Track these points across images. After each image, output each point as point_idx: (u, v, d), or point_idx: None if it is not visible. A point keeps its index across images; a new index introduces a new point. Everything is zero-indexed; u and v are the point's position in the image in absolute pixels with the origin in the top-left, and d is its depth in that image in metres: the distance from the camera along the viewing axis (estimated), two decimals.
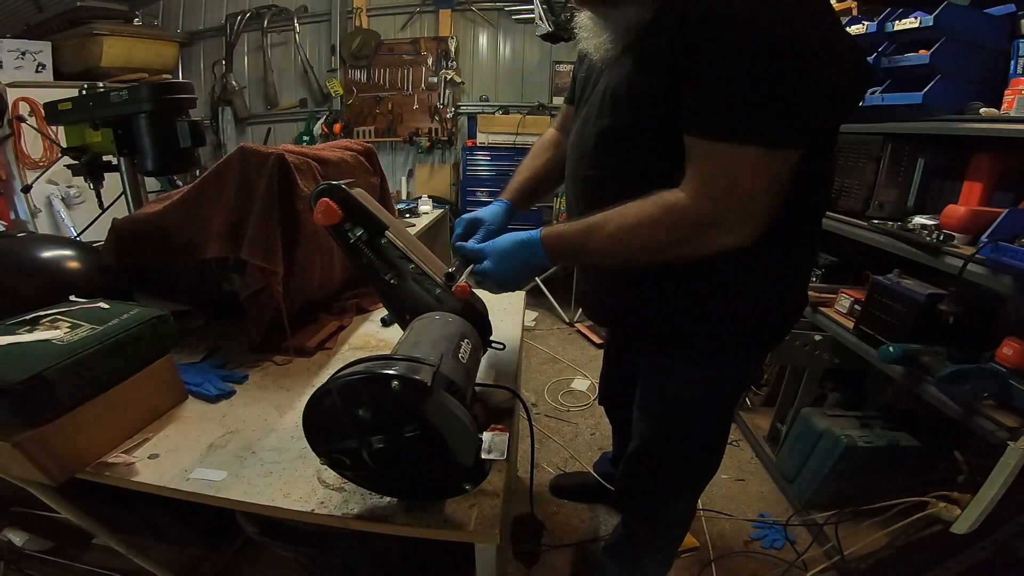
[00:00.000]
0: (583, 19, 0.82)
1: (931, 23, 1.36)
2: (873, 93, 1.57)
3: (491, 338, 0.90)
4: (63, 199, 2.83)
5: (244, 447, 0.80)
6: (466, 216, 0.98)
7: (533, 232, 0.82)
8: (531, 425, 0.90)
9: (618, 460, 1.34)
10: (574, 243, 0.79)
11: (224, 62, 3.72)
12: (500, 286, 0.84)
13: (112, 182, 1.44)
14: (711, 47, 0.63)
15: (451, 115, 3.78)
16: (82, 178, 1.43)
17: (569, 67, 3.62)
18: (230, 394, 0.94)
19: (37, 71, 2.90)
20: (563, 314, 3.30)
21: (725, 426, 1.03)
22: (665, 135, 0.71)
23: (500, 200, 1.05)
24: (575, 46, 0.85)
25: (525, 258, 0.82)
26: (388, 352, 0.64)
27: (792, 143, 0.65)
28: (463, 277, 0.83)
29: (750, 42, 0.60)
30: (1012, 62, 1.31)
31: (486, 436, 0.59)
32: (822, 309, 1.71)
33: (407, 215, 2.91)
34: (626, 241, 0.74)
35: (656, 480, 1.07)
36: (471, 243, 0.89)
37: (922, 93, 1.38)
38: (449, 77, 3.67)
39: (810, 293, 1.53)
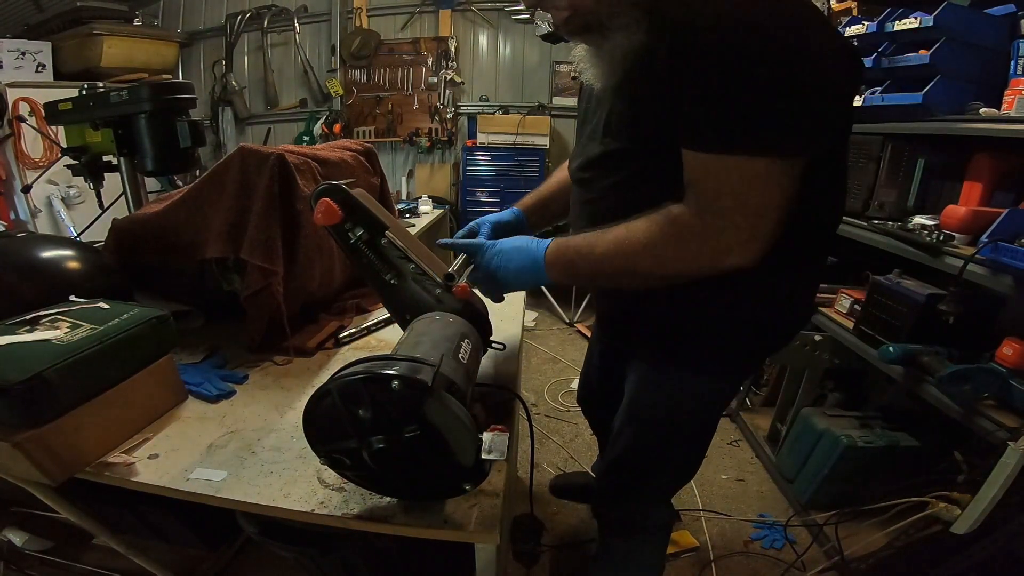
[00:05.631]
0: (580, 51, 0.80)
1: (931, 23, 1.36)
2: (873, 93, 1.57)
3: (491, 338, 0.90)
4: (63, 199, 2.83)
5: (244, 447, 0.80)
6: (476, 220, 0.99)
7: (543, 240, 0.81)
8: (531, 425, 0.90)
9: None
10: (575, 255, 0.77)
11: (224, 62, 3.72)
12: (496, 285, 0.83)
13: (112, 182, 1.44)
14: (702, 58, 0.60)
15: (451, 115, 3.78)
16: (82, 178, 1.43)
17: (569, 67, 3.60)
18: (230, 394, 0.94)
19: (37, 71, 2.90)
20: (563, 314, 3.30)
21: (712, 431, 1.01)
22: (671, 159, 0.68)
23: (511, 208, 1.04)
24: (574, 46, 0.85)
25: (523, 261, 0.80)
26: (388, 352, 0.64)
27: (799, 151, 0.62)
28: (463, 277, 0.83)
29: (740, 48, 0.57)
30: (1012, 62, 1.31)
31: (486, 436, 0.59)
32: (822, 309, 1.71)
33: (407, 215, 2.92)
34: (622, 257, 0.72)
35: (638, 489, 1.05)
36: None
37: (922, 93, 1.38)
38: (449, 77, 3.67)
39: None
